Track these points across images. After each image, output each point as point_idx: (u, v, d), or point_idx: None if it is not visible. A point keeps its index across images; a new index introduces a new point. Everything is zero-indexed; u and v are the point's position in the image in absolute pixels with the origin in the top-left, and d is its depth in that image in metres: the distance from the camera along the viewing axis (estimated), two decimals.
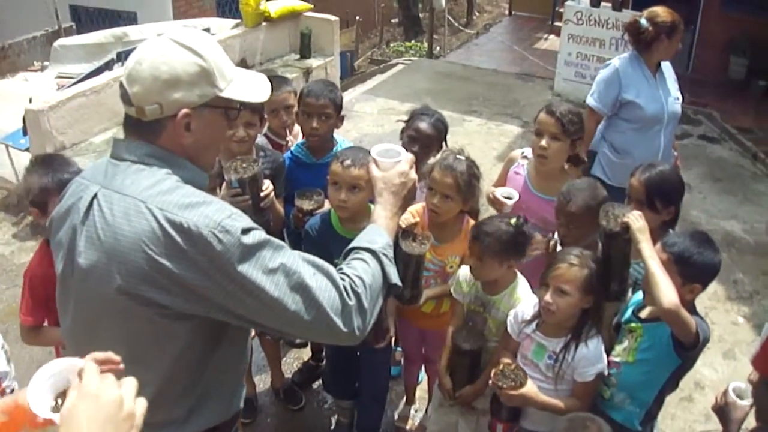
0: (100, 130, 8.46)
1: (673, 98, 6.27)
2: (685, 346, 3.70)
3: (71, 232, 2.58)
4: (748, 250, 8.59)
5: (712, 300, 7.36)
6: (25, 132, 8.49)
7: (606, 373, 3.99)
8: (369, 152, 4.14)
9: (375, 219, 2.92)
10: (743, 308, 7.43)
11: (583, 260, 3.87)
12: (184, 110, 2.52)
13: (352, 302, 2.53)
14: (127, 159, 2.54)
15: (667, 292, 3.52)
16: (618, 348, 4.05)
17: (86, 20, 17.83)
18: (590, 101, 6.30)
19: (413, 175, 3.06)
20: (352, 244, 2.78)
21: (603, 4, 12.87)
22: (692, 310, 3.74)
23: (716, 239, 8.34)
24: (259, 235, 2.45)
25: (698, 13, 14.83)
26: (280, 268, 2.43)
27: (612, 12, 12.61)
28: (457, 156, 4.46)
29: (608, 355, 4.05)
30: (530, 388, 3.94)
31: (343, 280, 2.56)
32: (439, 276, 4.64)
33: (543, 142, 4.79)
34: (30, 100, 8.94)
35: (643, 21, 6.03)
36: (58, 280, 2.72)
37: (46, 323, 4.25)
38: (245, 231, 2.40)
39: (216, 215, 2.38)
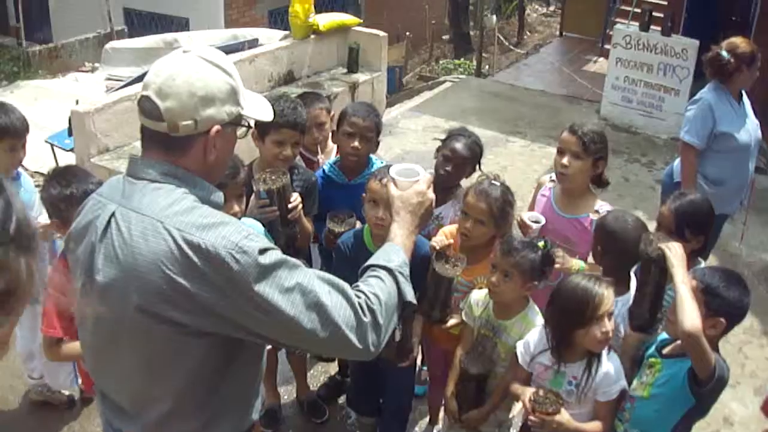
0: None
1: (755, 124, 6.50)
2: (700, 382, 3.66)
3: (89, 249, 2.60)
4: None
5: (747, 334, 7.27)
6: (70, 132, 8.57)
7: (627, 389, 3.96)
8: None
9: (392, 237, 2.93)
10: None
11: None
12: (217, 127, 2.57)
13: (367, 319, 2.54)
14: (144, 178, 2.57)
15: (691, 315, 3.51)
16: (635, 382, 4.02)
17: (139, 24, 18.07)
18: (687, 137, 6.43)
19: (431, 194, 3.07)
20: (369, 262, 2.80)
21: (652, 28, 12.81)
22: (714, 348, 3.70)
23: (755, 272, 8.35)
24: (275, 255, 2.47)
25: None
26: (296, 288, 2.44)
27: (661, 37, 12.54)
28: (493, 181, 4.48)
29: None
30: (565, 415, 3.89)
31: (359, 297, 2.58)
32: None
33: (564, 160, 4.83)
34: (77, 102, 9.04)
35: (724, 53, 6.26)
36: (77, 296, 2.73)
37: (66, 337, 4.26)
38: (262, 251, 2.42)
39: (233, 236, 2.40)
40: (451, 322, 4.48)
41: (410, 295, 2.76)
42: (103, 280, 2.52)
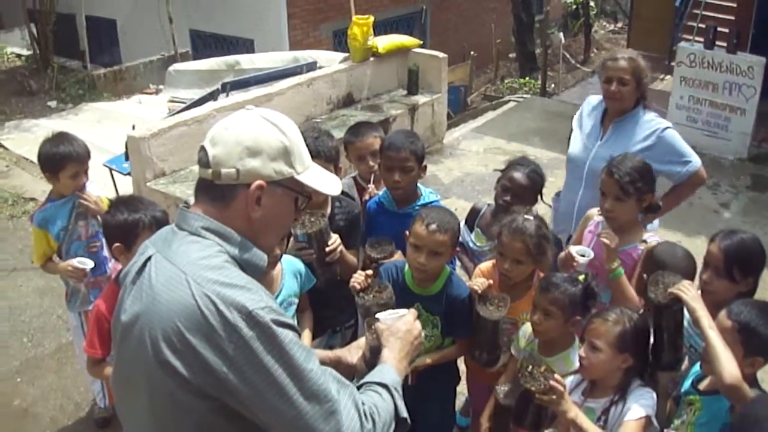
0: None
1: (607, 151, 5.31)
2: None
3: (124, 289, 2.64)
4: None
5: None
6: (127, 157, 8.61)
7: (655, 423, 3.78)
8: (452, 214, 4.31)
9: (384, 360, 2.91)
10: None
11: (620, 318, 3.77)
12: (259, 181, 2.53)
13: (368, 426, 2.52)
14: (186, 229, 2.57)
15: (728, 366, 3.39)
16: (676, 422, 3.88)
17: (204, 46, 18.24)
18: None
19: (418, 325, 3.08)
20: (365, 379, 2.79)
21: (717, 44, 12.52)
22: (753, 383, 3.57)
23: None
24: (290, 334, 2.42)
25: None
26: (306, 373, 2.40)
27: (726, 55, 12.23)
28: (526, 216, 4.38)
29: (666, 428, 3.90)
30: (567, 403, 3.65)
31: (364, 404, 2.56)
32: (513, 333, 4.52)
33: (607, 205, 4.66)
34: (133, 127, 9.07)
35: None
36: (112, 330, 2.76)
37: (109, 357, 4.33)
38: (277, 324, 2.38)
39: (250, 303, 2.35)
40: (500, 362, 4.39)
41: (404, 412, 2.74)
42: (125, 320, 2.54)
